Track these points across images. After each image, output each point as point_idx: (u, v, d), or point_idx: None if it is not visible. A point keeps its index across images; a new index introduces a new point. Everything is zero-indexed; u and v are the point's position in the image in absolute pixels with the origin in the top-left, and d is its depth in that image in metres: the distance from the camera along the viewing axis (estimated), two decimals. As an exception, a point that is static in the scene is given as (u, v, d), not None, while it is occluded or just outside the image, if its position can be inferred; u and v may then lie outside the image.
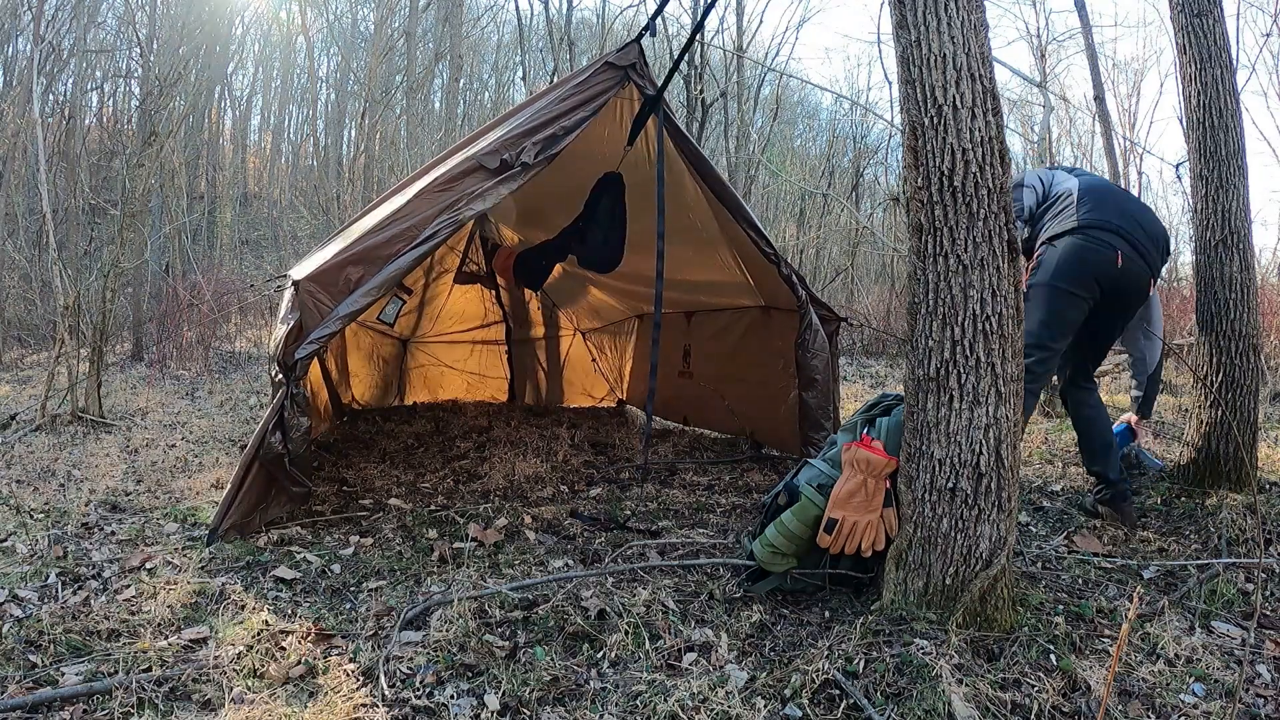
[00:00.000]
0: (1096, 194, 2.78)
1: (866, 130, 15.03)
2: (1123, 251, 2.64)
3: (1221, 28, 3.10)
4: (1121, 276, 2.66)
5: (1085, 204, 2.74)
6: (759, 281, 4.16)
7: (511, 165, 2.98)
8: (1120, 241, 2.65)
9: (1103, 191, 2.81)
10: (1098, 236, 2.66)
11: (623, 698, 1.67)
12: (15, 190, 9.96)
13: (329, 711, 1.61)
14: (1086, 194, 2.77)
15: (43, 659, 1.81)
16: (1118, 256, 2.63)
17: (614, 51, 3.28)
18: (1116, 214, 2.70)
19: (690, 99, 11.60)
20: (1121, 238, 2.65)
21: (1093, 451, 2.88)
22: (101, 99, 13.92)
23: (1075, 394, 2.96)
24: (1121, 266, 2.64)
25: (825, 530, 2.07)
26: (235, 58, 18.61)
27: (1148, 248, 2.69)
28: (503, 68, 19.27)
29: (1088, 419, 2.92)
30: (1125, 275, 2.66)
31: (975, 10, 1.86)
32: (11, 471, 3.67)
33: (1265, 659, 1.79)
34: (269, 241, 16.32)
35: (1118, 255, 2.63)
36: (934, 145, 1.86)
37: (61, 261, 5.60)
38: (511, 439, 4.66)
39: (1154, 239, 2.72)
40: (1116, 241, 2.64)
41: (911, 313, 1.96)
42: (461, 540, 2.74)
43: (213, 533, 2.66)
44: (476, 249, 5.91)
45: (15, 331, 9.01)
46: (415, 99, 12.50)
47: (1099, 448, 2.86)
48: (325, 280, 2.79)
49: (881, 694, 1.62)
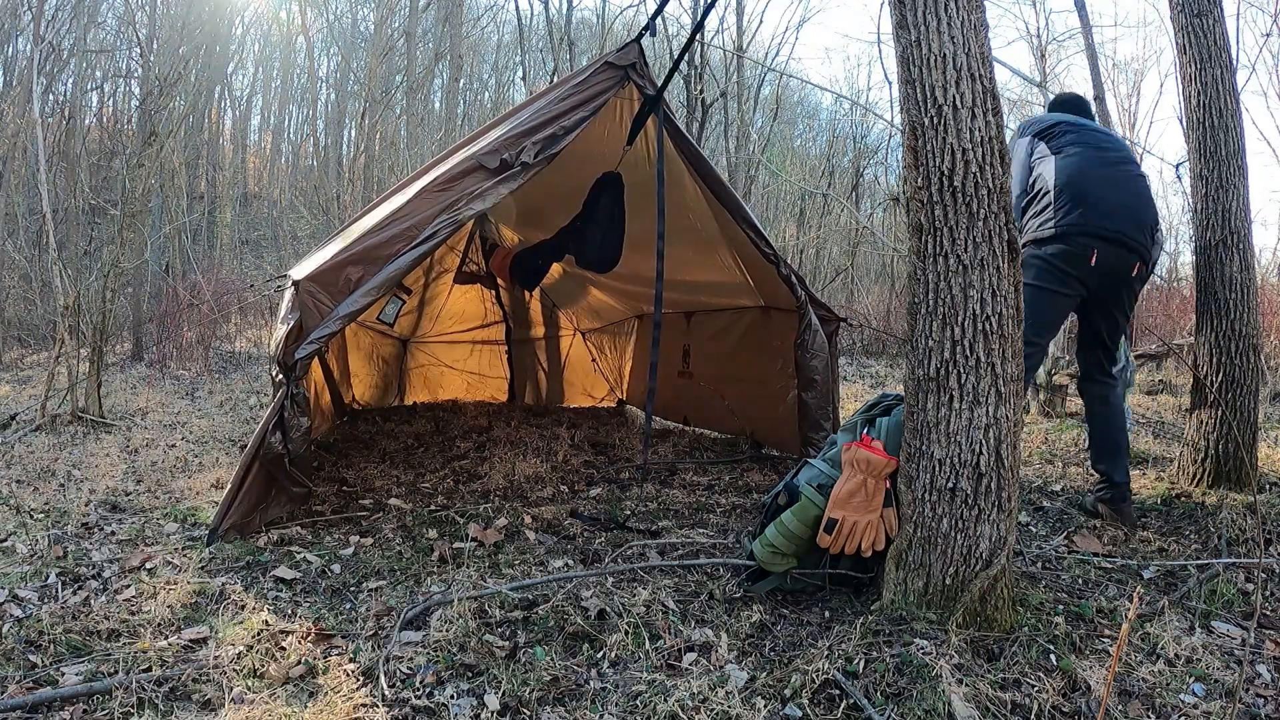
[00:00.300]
0: (1075, 187, 2.69)
1: (866, 130, 15.05)
2: (1097, 250, 2.63)
3: (1221, 28, 3.10)
4: (1102, 271, 2.66)
5: (1063, 203, 2.69)
6: (758, 282, 4.16)
7: (511, 165, 2.98)
8: (1097, 242, 2.63)
9: (1081, 179, 2.70)
10: (1075, 241, 2.65)
11: (623, 698, 1.67)
12: (15, 190, 9.96)
13: (329, 711, 1.61)
14: (1065, 188, 2.71)
15: (43, 659, 1.80)
16: (1091, 256, 2.63)
17: (614, 51, 3.28)
18: (1095, 209, 2.65)
19: (690, 99, 11.61)
20: (1100, 238, 2.63)
21: (1101, 449, 2.86)
22: (101, 99, 13.92)
23: (1092, 388, 2.92)
24: (1096, 264, 2.64)
25: (825, 530, 2.07)
26: (235, 58, 18.62)
27: (1131, 234, 2.65)
28: (503, 68, 19.29)
29: (1102, 416, 2.89)
30: (1105, 269, 2.66)
31: (975, 10, 1.86)
32: (11, 471, 3.67)
33: (1265, 659, 1.79)
34: (269, 241, 16.32)
35: (1091, 255, 2.63)
36: (934, 145, 1.86)
37: (61, 261, 5.60)
38: (511, 439, 4.66)
39: (1140, 223, 2.68)
40: (1094, 243, 2.63)
41: (911, 313, 1.96)
42: (461, 540, 2.74)
43: (213, 533, 2.66)
44: (476, 249, 5.90)
45: (15, 331, 9.01)
46: (415, 99, 12.50)
47: (1108, 447, 2.83)
48: (325, 280, 2.79)
49: (881, 694, 1.62)
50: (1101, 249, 2.63)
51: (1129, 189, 2.73)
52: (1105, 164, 2.74)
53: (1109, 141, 2.87)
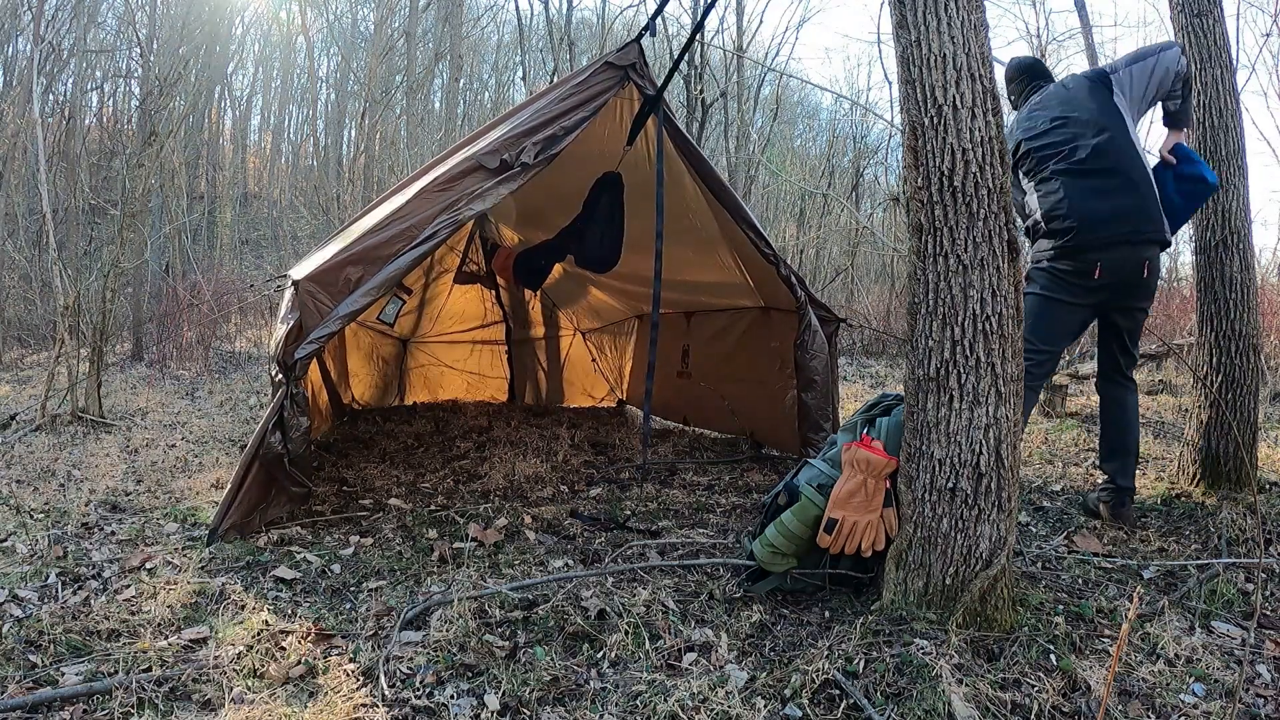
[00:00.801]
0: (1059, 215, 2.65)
1: (866, 130, 15.04)
2: (1101, 262, 2.60)
3: (1221, 28, 3.10)
4: (1111, 279, 2.63)
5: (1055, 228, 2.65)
6: (758, 282, 4.16)
7: (511, 165, 2.98)
8: (1099, 254, 2.60)
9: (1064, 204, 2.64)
10: (1078, 259, 2.63)
11: (623, 698, 1.67)
12: (15, 190, 9.96)
13: (329, 711, 1.61)
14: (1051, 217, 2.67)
15: (43, 659, 1.80)
16: (1095, 270, 2.61)
17: (614, 51, 3.28)
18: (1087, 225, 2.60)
19: (690, 99, 11.61)
20: (1100, 249, 2.60)
21: (1111, 451, 2.83)
22: (101, 99, 13.93)
23: (1109, 389, 2.87)
24: (1101, 276, 2.61)
25: (825, 530, 2.07)
26: (235, 58, 18.64)
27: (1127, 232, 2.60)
28: (503, 68, 19.29)
29: (1115, 418, 2.85)
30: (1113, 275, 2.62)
31: (975, 10, 1.86)
32: (11, 471, 3.67)
33: (1265, 659, 1.79)
34: (269, 241, 16.32)
35: (1095, 269, 2.61)
36: (934, 145, 1.86)
37: (61, 261, 5.60)
38: (511, 439, 4.66)
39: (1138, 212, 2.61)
40: (1096, 256, 2.60)
41: (911, 313, 1.96)
42: (461, 540, 2.74)
43: (213, 533, 2.66)
44: (476, 249, 5.91)
45: (15, 331, 9.01)
46: (415, 99, 12.50)
47: (1118, 450, 2.80)
48: (325, 280, 2.79)
49: (881, 694, 1.62)
50: (1105, 260, 2.60)
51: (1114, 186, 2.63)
52: (1082, 174, 2.65)
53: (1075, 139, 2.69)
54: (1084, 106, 2.73)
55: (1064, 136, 2.72)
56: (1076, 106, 2.74)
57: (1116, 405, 2.85)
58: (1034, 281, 2.73)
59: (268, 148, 21.59)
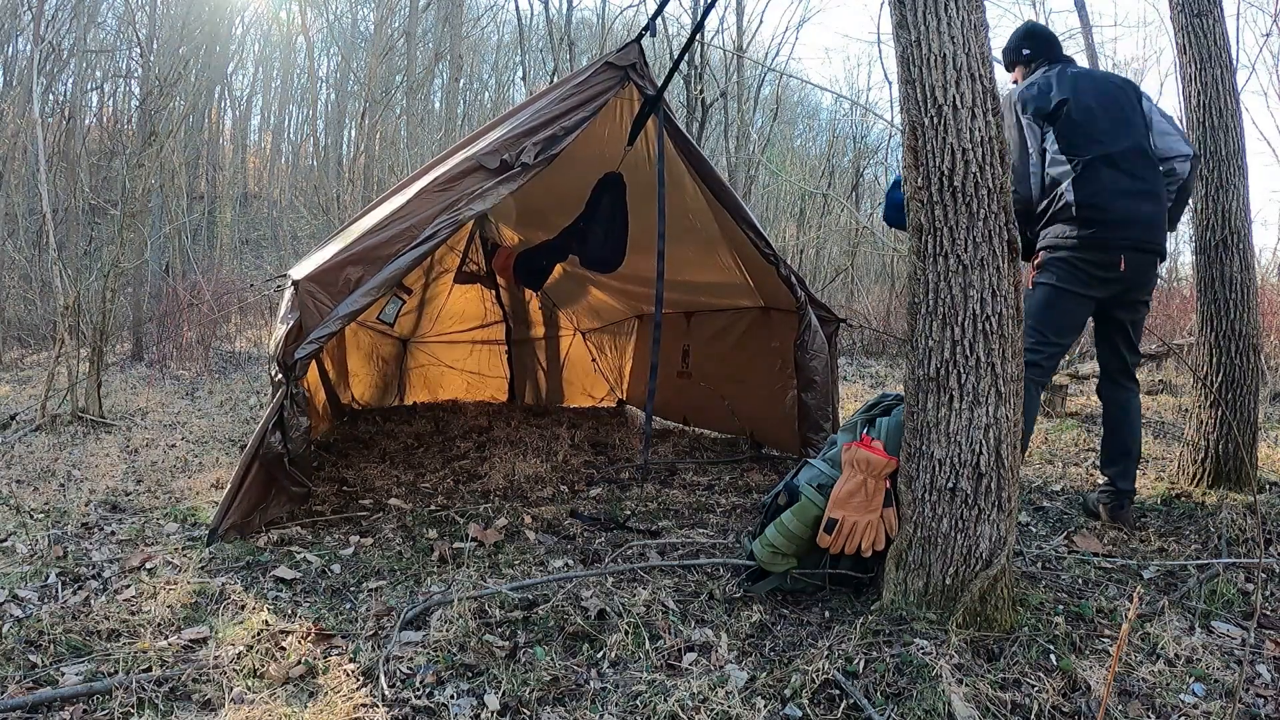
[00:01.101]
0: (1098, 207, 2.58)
1: (866, 130, 15.04)
2: (1125, 258, 2.57)
3: (1221, 28, 3.10)
4: (1130, 275, 2.61)
5: (1085, 215, 2.58)
6: (758, 282, 4.16)
7: (511, 165, 2.98)
8: (1127, 252, 2.57)
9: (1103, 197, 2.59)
10: (1105, 250, 2.58)
11: (623, 698, 1.67)
12: (15, 190, 9.96)
13: (329, 711, 1.61)
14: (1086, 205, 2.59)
15: (43, 659, 1.80)
16: (1120, 261, 2.58)
17: (614, 51, 3.28)
18: (1120, 223, 2.57)
19: (690, 99, 11.61)
20: (1128, 249, 2.57)
21: (1113, 455, 2.81)
22: (101, 99, 13.94)
23: (1112, 392, 2.85)
24: (1125, 271, 2.59)
25: (825, 530, 2.07)
26: (235, 58, 18.65)
27: (1149, 239, 2.60)
28: (503, 68, 19.29)
29: (1117, 421, 2.83)
30: (1133, 272, 2.61)
31: (975, 10, 1.86)
32: (11, 471, 3.67)
33: (1265, 659, 1.79)
34: (269, 241, 16.32)
35: (1120, 261, 2.57)
36: (934, 145, 1.86)
37: (61, 261, 5.60)
38: (511, 439, 4.66)
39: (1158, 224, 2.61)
40: (1123, 253, 2.58)
41: (911, 313, 1.96)
42: (461, 540, 2.74)
43: (213, 533, 2.66)
44: (476, 249, 5.91)
45: (15, 331, 9.01)
46: (415, 99, 12.51)
47: (1120, 454, 2.79)
48: (325, 280, 2.79)
49: (881, 694, 1.62)
50: (1129, 256, 2.58)
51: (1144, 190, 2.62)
52: (1124, 172, 2.60)
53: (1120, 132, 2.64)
54: (1129, 104, 2.69)
55: (1110, 124, 2.64)
56: (1123, 102, 2.69)
57: (1119, 409, 2.83)
58: (1048, 271, 2.65)
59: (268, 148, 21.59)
